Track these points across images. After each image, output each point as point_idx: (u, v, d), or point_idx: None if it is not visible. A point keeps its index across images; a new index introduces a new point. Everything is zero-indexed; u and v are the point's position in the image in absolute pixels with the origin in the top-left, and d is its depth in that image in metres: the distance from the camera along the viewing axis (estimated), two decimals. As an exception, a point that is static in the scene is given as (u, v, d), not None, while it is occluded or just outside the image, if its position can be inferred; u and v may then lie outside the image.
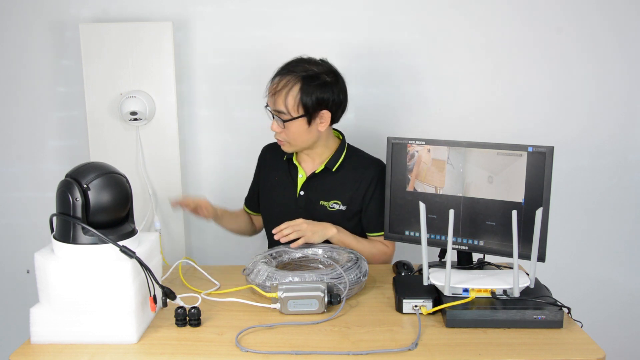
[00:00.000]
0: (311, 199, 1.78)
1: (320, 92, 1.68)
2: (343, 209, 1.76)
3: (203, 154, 2.28)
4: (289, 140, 1.72)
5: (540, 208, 1.31)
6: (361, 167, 1.78)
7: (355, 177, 1.77)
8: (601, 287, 2.35)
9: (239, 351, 1.21)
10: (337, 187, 1.77)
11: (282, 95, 1.66)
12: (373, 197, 1.76)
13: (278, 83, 1.67)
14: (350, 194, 1.76)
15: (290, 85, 1.66)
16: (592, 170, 2.27)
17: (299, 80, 1.66)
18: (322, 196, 1.78)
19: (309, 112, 1.67)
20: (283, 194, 1.83)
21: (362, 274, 1.49)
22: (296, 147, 1.75)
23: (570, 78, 2.21)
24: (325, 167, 1.77)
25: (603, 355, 1.19)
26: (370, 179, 1.76)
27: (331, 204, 1.76)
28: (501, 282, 1.37)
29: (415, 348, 1.22)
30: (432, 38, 2.19)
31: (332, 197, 1.77)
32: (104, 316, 1.25)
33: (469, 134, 2.19)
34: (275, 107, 1.68)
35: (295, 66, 1.69)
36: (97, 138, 2.13)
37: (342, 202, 1.76)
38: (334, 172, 1.77)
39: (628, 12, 2.16)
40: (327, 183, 1.78)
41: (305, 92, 1.66)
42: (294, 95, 1.66)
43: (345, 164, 1.79)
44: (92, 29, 2.07)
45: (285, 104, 1.66)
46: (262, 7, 2.18)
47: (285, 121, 1.67)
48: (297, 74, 1.67)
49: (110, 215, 1.29)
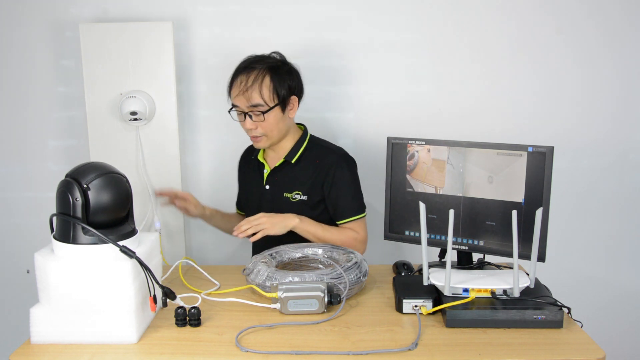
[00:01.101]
0: (275, 192, 1.83)
1: (289, 79, 1.75)
2: (304, 198, 1.80)
3: (203, 154, 2.28)
4: (266, 133, 1.75)
5: (540, 208, 1.31)
6: (320, 156, 1.82)
7: (314, 166, 1.81)
8: (601, 287, 2.35)
9: (239, 351, 1.21)
10: (298, 178, 1.81)
11: (255, 89, 1.70)
12: (333, 184, 1.78)
13: (246, 80, 1.71)
14: (310, 183, 1.80)
15: (261, 78, 1.71)
16: (592, 170, 2.27)
17: (267, 72, 1.72)
18: (285, 188, 1.82)
19: (282, 99, 1.73)
20: (254, 191, 1.90)
21: (362, 274, 1.49)
22: (272, 138, 1.78)
23: (568, 78, 2.21)
24: (284, 160, 1.82)
25: (603, 355, 1.19)
26: (328, 167, 1.79)
27: (293, 195, 1.80)
28: (501, 282, 1.37)
29: (415, 348, 1.22)
30: (432, 38, 2.19)
31: (294, 189, 1.81)
32: (104, 316, 1.25)
33: (469, 134, 2.19)
34: (250, 102, 1.71)
35: (254, 62, 1.74)
36: (97, 138, 2.13)
37: (302, 192, 1.80)
38: (294, 164, 1.82)
39: (623, 13, 2.16)
40: (288, 175, 1.83)
41: (277, 81, 1.72)
42: (267, 86, 1.71)
43: (306, 155, 1.83)
44: (92, 29, 2.07)
45: (261, 96, 1.70)
46: (262, 7, 2.18)
47: (264, 113, 1.71)
48: (261, 67, 1.72)
49: (110, 215, 1.29)
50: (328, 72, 2.21)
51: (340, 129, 2.24)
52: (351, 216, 1.79)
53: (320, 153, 1.82)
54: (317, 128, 1.95)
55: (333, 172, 1.78)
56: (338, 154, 1.82)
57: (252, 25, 2.19)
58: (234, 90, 1.74)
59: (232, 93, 1.75)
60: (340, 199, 1.79)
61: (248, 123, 1.73)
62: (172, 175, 2.16)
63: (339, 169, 1.78)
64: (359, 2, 2.17)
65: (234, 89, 1.74)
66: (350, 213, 1.79)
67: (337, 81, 2.22)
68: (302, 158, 1.82)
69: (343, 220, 1.80)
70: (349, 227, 1.79)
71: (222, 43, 2.20)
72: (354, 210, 1.79)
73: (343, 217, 1.79)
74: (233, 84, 1.75)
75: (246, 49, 2.17)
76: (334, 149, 1.84)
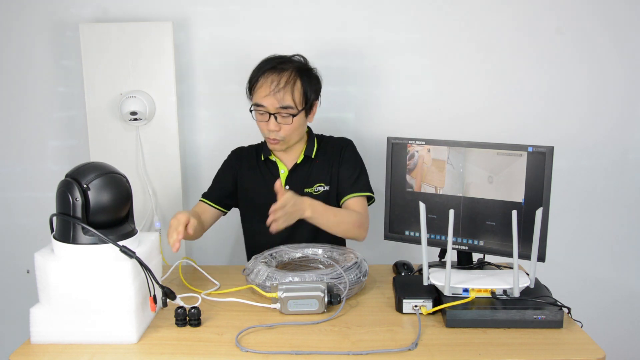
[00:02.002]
0: (296, 190, 1.79)
1: (316, 82, 1.77)
2: (327, 188, 1.81)
3: (203, 154, 2.28)
4: (287, 136, 1.74)
5: (540, 208, 1.31)
6: (333, 147, 1.86)
7: (330, 158, 1.83)
8: (601, 287, 2.35)
9: (239, 351, 1.21)
10: (318, 172, 1.82)
11: (288, 91, 1.68)
12: (342, 163, 1.82)
13: (278, 80, 1.68)
14: (330, 173, 1.82)
15: (293, 80, 1.70)
16: (591, 169, 2.27)
17: (297, 74, 1.71)
18: (306, 184, 1.82)
19: (309, 103, 1.74)
20: (266, 194, 1.73)
21: (362, 274, 1.49)
22: (289, 143, 1.78)
23: (569, 78, 2.21)
24: (305, 156, 1.83)
25: (603, 355, 1.19)
26: (339, 150, 1.84)
27: (315, 188, 1.81)
28: (501, 282, 1.37)
29: (415, 348, 1.22)
30: (432, 38, 2.19)
31: (315, 182, 1.82)
32: (104, 316, 1.25)
33: (469, 134, 2.19)
34: (281, 103, 1.68)
35: (282, 63, 1.72)
36: (97, 138, 2.13)
37: (325, 183, 1.81)
38: (314, 158, 1.83)
39: (626, 12, 2.16)
40: (307, 171, 1.83)
41: (307, 84, 1.72)
42: (298, 88, 1.70)
43: (321, 148, 1.86)
44: (92, 29, 2.07)
45: (293, 98, 1.69)
46: (262, 7, 2.18)
47: (294, 115, 1.70)
48: (291, 69, 1.71)
49: (110, 215, 1.29)
50: (328, 72, 2.19)
51: (341, 129, 2.24)
52: (354, 192, 1.78)
53: (331, 144, 1.87)
54: (317, 128, 1.95)
55: (343, 153, 1.83)
56: (347, 140, 1.89)
57: (252, 25, 2.19)
58: (263, 90, 1.69)
59: (260, 92, 1.70)
60: (346, 175, 1.80)
61: (272, 124, 1.70)
62: (172, 175, 2.16)
63: (348, 150, 1.84)
64: (359, 2, 2.17)
65: (263, 88, 1.70)
66: (354, 189, 1.79)
67: (337, 81, 2.22)
68: (318, 153, 1.84)
69: (346, 196, 1.79)
70: (352, 206, 1.77)
71: (222, 43, 2.20)
72: (358, 187, 1.79)
73: (345, 192, 1.79)
74: (260, 83, 1.71)
75: (246, 49, 2.19)
76: (342, 138, 1.90)
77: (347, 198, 1.79)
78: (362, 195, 1.79)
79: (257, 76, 1.72)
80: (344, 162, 1.82)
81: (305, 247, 1.66)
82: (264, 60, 1.76)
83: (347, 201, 1.79)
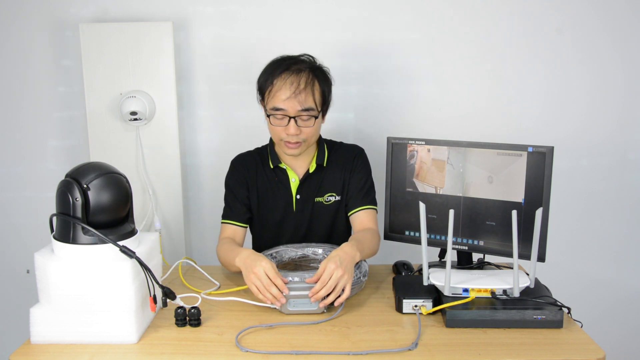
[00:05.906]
0: (306, 199, 1.75)
1: (329, 81, 1.70)
2: (338, 199, 1.76)
3: (203, 154, 2.28)
4: (307, 139, 1.65)
5: (540, 208, 1.31)
6: (344, 155, 1.77)
7: (341, 166, 1.76)
8: (601, 287, 2.35)
9: (239, 351, 1.21)
10: (329, 181, 1.76)
11: (309, 92, 1.61)
12: (353, 172, 1.75)
13: (298, 82, 1.60)
14: (341, 182, 1.76)
15: (312, 81, 1.62)
16: (591, 169, 2.27)
17: (315, 75, 1.64)
18: (317, 193, 1.76)
19: (327, 103, 1.69)
20: (276, 203, 1.75)
21: (362, 274, 1.49)
22: (306, 146, 1.69)
23: (569, 78, 2.21)
24: (317, 164, 1.75)
25: (603, 355, 1.19)
26: (352, 159, 1.77)
27: (326, 198, 1.75)
28: (501, 282, 1.37)
29: (415, 348, 1.22)
30: (432, 38, 2.19)
31: (326, 191, 1.76)
32: (104, 316, 1.25)
33: (469, 134, 2.19)
34: (303, 105, 1.60)
35: (295, 64, 1.64)
36: (97, 138, 2.13)
37: (336, 193, 1.75)
38: (325, 167, 1.76)
39: (626, 12, 2.16)
40: (320, 179, 1.76)
41: (325, 86, 1.66)
42: (318, 89, 1.64)
43: (332, 156, 1.78)
44: (92, 29, 2.07)
45: (314, 100, 1.62)
46: (262, 7, 2.17)
47: (315, 117, 1.64)
48: (307, 70, 1.63)
49: (110, 215, 1.29)
50: (328, 72, 2.21)
51: (341, 129, 2.24)
52: (365, 205, 1.72)
53: (343, 152, 1.79)
54: (317, 128, 1.95)
55: (355, 162, 1.76)
56: (359, 148, 1.80)
57: (252, 25, 2.19)
58: (283, 92, 1.59)
59: (279, 96, 1.60)
60: (357, 186, 1.74)
61: (293, 128, 1.60)
62: (172, 175, 2.16)
63: (360, 160, 1.77)
64: (359, 2, 2.17)
65: (283, 91, 1.59)
66: (365, 201, 1.72)
67: (337, 81, 2.20)
68: (330, 160, 1.77)
69: (357, 208, 1.73)
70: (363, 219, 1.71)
71: (222, 43, 2.20)
72: (368, 200, 1.74)
73: (356, 205, 1.73)
74: (278, 86, 1.60)
75: (246, 49, 2.19)
76: (353, 146, 1.82)
77: (357, 210, 1.73)
78: (372, 208, 1.74)
79: (272, 79, 1.62)
80: (355, 171, 1.75)
81: (306, 247, 1.66)
82: (273, 62, 1.67)
83: (358, 213, 1.73)
